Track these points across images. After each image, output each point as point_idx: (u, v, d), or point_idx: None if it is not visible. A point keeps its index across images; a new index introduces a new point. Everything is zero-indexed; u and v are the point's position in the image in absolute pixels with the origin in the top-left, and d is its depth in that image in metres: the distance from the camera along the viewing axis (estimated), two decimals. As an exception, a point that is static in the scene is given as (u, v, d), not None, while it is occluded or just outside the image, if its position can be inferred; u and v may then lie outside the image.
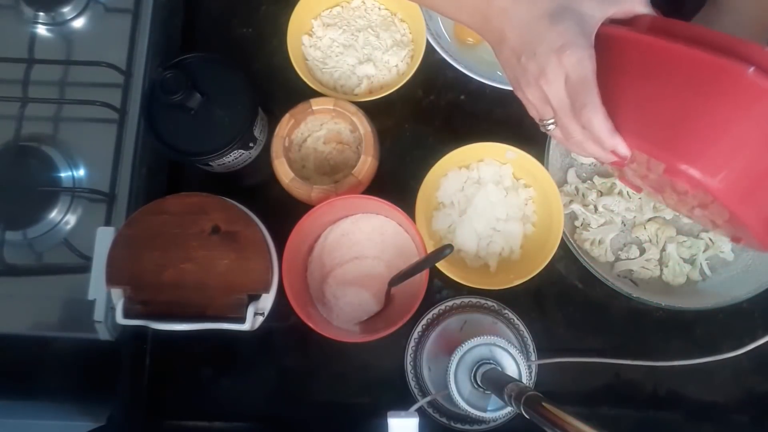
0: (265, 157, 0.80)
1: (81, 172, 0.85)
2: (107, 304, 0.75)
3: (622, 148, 0.52)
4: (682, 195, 0.54)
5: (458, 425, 0.75)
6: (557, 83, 0.51)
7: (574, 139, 0.54)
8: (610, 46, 0.52)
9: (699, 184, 0.47)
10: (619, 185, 0.79)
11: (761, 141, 0.46)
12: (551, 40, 0.50)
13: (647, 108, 0.50)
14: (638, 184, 0.62)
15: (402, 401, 0.74)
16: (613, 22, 0.53)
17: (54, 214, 0.82)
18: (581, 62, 0.49)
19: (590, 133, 0.52)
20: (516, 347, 0.63)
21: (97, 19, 0.90)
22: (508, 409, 0.58)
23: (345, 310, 0.75)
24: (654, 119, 0.50)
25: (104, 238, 0.74)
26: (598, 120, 0.51)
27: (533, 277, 0.73)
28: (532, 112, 0.57)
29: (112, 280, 0.69)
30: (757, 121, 0.45)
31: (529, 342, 0.76)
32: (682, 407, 0.77)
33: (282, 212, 0.75)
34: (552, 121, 0.55)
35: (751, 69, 0.44)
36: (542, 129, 0.57)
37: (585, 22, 0.50)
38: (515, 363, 0.63)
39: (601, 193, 0.80)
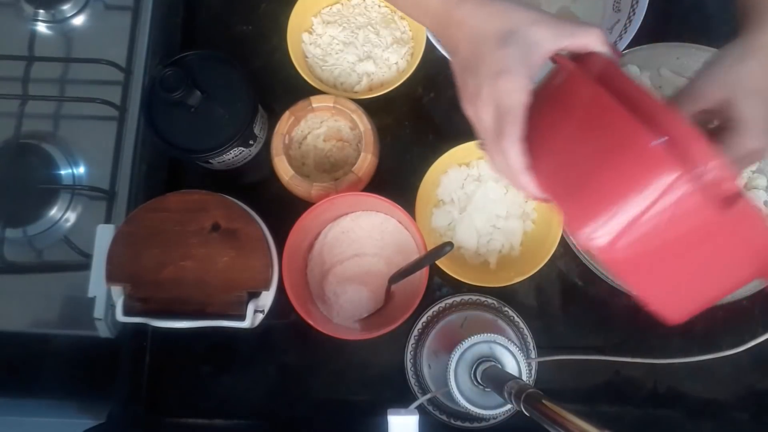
0: (265, 155, 0.80)
1: (81, 170, 0.85)
2: (107, 302, 0.75)
3: (532, 189, 0.50)
4: None
5: (458, 423, 0.75)
6: (488, 107, 0.50)
7: (495, 165, 0.52)
8: (559, 79, 0.50)
9: (585, 248, 0.46)
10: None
11: (653, 215, 0.43)
12: (492, 63, 0.49)
13: (563, 154, 0.48)
14: None
15: (402, 399, 0.74)
16: (573, 54, 0.51)
17: (54, 212, 0.82)
18: (513, 93, 0.48)
19: (506, 165, 0.51)
20: (516, 345, 0.63)
21: (97, 17, 0.90)
22: (508, 406, 0.58)
23: (345, 307, 0.75)
24: (564, 168, 0.48)
25: (104, 235, 0.74)
26: (513, 154, 0.49)
27: (533, 275, 0.73)
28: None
29: (112, 277, 0.69)
30: (651, 195, 0.43)
31: (529, 339, 0.76)
32: (682, 404, 0.77)
33: (282, 210, 0.75)
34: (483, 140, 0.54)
35: (659, 141, 0.41)
36: (478, 147, 0.56)
37: (531, 50, 0.48)
38: (515, 360, 0.63)
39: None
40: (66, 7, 0.89)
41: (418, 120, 0.84)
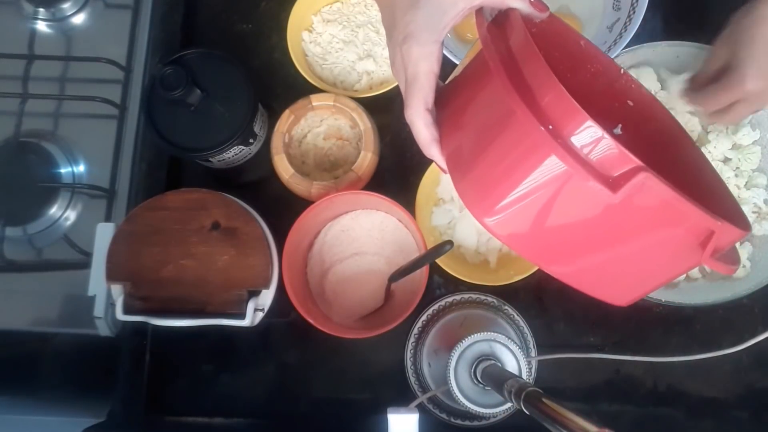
0: (265, 153, 0.79)
1: (81, 168, 0.85)
2: (107, 300, 0.75)
3: (441, 163, 0.48)
4: None
5: (458, 421, 0.75)
6: (401, 74, 0.48)
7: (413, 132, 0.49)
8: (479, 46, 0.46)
9: (484, 227, 0.44)
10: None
11: (539, 199, 0.41)
12: (399, 30, 0.47)
13: (463, 130, 0.46)
14: None
15: (402, 397, 0.74)
16: (499, 16, 0.47)
17: (54, 210, 0.82)
18: (418, 60, 0.46)
19: (415, 135, 0.49)
20: (516, 343, 0.63)
21: (97, 15, 0.90)
22: (508, 405, 0.58)
23: (345, 306, 0.75)
24: (462, 144, 0.46)
25: (104, 233, 0.74)
26: (417, 125, 0.47)
27: (533, 273, 0.73)
28: None
29: (112, 275, 0.69)
30: (533, 181, 0.40)
31: (529, 338, 0.76)
32: (682, 403, 0.77)
33: (282, 208, 0.75)
34: None
35: (542, 126, 0.38)
36: None
37: (441, 11, 0.45)
38: (515, 359, 0.63)
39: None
40: (66, 5, 0.89)
41: (418, 118, 0.84)
